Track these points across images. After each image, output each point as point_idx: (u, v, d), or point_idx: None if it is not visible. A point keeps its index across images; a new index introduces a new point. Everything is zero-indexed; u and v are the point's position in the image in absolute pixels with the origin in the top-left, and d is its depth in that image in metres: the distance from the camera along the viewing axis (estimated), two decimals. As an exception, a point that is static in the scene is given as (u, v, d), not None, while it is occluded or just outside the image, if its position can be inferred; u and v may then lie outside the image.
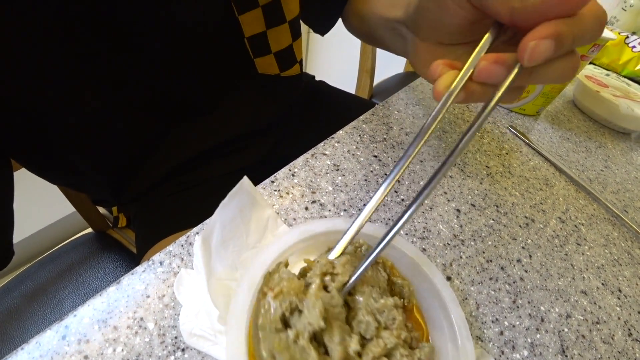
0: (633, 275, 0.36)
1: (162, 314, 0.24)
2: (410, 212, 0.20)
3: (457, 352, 0.21)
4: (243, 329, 0.19)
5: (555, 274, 0.33)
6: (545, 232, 0.37)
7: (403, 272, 0.25)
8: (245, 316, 0.19)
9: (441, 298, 0.23)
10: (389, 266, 0.25)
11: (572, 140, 0.55)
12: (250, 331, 0.19)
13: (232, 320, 0.19)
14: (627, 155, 0.56)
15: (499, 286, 0.31)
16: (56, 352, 0.22)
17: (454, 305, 0.23)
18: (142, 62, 0.36)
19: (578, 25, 0.19)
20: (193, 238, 0.28)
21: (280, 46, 0.45)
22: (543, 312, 0.30)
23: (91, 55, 0.32)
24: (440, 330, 0.23)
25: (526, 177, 0.43)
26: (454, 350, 0.21)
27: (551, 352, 0.28)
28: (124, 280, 0.25)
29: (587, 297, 0.32)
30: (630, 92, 0.68)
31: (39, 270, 0.61)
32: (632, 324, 0.32)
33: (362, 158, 0.38)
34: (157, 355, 0.22)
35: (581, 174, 0.48)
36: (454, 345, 0.21)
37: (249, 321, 0.20)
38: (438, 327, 0.23)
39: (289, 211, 0.31)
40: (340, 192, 0.34)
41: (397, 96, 0.49)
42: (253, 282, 0.20)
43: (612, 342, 0.30)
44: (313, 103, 0.63)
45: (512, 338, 0.27)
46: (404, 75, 1.17)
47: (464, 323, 0.22)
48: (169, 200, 0.47)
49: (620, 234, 0.40)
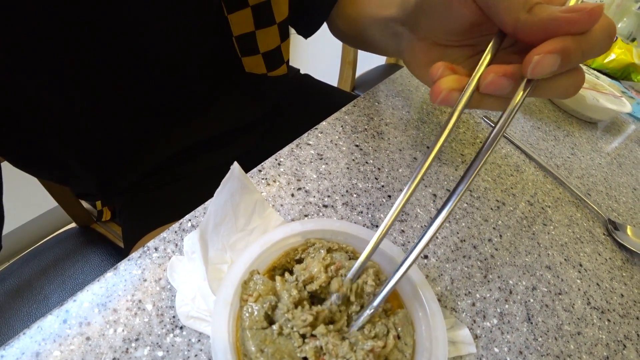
0: (593, 252, 0.40)
1: (160, 295, 0.25)
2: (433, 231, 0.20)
3: (425, 312, 0.23)
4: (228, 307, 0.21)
5: (523, 252, 0.36)
6: (514, 214, 0.40)
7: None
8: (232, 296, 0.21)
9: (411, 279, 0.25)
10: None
11: (542, 130, 0.58)
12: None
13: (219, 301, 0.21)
14: (592, 143, 0.60)
15: (471, 263, 0.33)
16: (58, 335, 0.23)
17: (418, 275, 0.25)
18: (130, 60, 0.36)
19: (587, 41, 0.18)
20: (186, 225, 0.29)
21: (269, 47, 0.46)
22: (511, 285, 0.33)
23: (79, 53, 0.32)
24: (411, 300, 0.25)
25: (498, 164, 0.46)
26: (424, 313, 0.24)
27: (518, 320, 0.30)
28: (120, 266, 0.26)
29: (551, 271, 0.36)
30: (597, 84, 0.72)
31: (22, 266, 0.60)
32: (590, 294, 0.35)
33: (344, 147, 0.40)
34: (157, 333, 0.24)
35: (549, 161, 0.51)
36: (423, 310, 0.24)
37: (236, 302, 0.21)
38: (408, 297, 0.26)
39: (276, 198, 0.33)
40: (324, 180, 0.35)
41: (377, 88, 0.51)
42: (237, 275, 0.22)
43: (572, 310, 0.33)
44: (298, 97, 0.64)
45: (483, 308, 0.30)
46: (385, 67, 1.20)
47: (428, 289, 0.24)
48: (155, 193, 0.48)
49: (583, 215, 0.44)
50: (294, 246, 0.25)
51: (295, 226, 0.25)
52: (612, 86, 0.75)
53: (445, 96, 0.22)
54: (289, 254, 0.25)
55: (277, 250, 0.24)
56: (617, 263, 0.39)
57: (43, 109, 0.35)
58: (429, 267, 0.32)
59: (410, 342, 0.23)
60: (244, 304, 0.21)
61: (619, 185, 0.52)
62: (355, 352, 0.19)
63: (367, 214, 0.34)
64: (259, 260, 0.23)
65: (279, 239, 0.24)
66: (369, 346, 0.20)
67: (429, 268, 0.32)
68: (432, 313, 0.23)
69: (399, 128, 0.45)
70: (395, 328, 0.23)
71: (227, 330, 0.19)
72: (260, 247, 0.23)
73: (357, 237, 0.26)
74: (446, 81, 0.22)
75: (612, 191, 0.50)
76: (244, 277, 0.22)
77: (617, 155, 0.59)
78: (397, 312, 0.24)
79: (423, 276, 0.25)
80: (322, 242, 0.26)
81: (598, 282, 0.36)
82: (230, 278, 0.21)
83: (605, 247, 0.41)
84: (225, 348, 0.19)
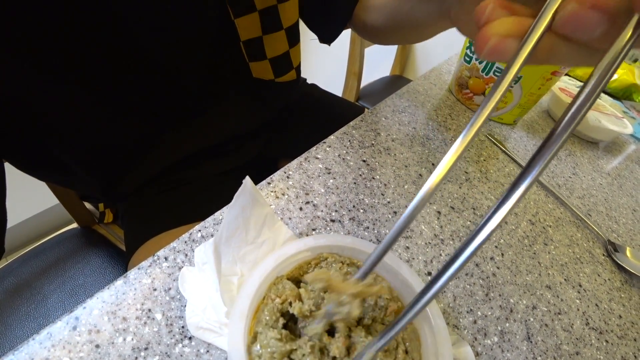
0: (592, 272, 0.40)
1: (169, 305, 0.26)
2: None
3: (432, 329, 0.24)
4: (244, 320, 0.21)
5: (524, 270, 0.37)
6: (516, 233, 0.41)
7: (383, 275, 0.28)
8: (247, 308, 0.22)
9: (411, 286, 0.26)
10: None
11: (544, 148, 0.59)
12: (251, 327, 0.22)
13: (236, 312, 0.21)
14: (593, 163, 0.61)
15: (473, 281, 0.34)
16: (67, 342, 0.23)
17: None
18: (137, 64, 0.36)
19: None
20: (196, 235, 0.30)
21: (276, 52, 0.46)
22: (512, 303, 0.33)
23: (84, 57, 0.33)
24: (419, 322, 0.26)
25: (501, 183, 0.47)
26: (430, 328, 0.24)
27: (518, 338, 0.31)
28: (130, 275, 0.27)
29: (551, 290, 0.36)
30: (600, 104, 0.73)
31: (22, 265, 0.60)
32: (589, 315, 0.36)
33: (351, 162, 0.40)
34: (166, 343, 0.24)
35: (551, 180, 0.52)
36: (429, 326, 0.24)
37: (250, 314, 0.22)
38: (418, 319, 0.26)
39: (284, 211, 0.33)
40: (331, 194, 0.36)
41: (384, 103, 0.52)
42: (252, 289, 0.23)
43: (571, 330, 0.34)
44: (304, 106, 0.65)
45: (484, 326, 0.31)
46: (390, 79, 1.21)
47: (434, 306, 0.25)
48: (158, 198, 0.48)
49: (583, 235, 0.45)
50: (307, 260, 0.26)
51: (308, 241, 0.26)
52: (614, 106, 0.76)
53: (495, 45, 0.15)
54: (302, 267, 0.26)
55: (291, 263, 0.25)
56: (616, 284, 0.40)
57: (46, 114, 0.35)
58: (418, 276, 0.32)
59: (417, 357, 0.23)
60: (269, 302, 0.22)
61: (619, 206, 0.52)
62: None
63: (374, 229, 0.34)
64: (273, 273, 0.24)
65: (293, 253, 0.25)
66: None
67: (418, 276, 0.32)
68: (438, 329, 0.24)
69: (405, 144, 0.46)
70: (403, 343, 0.23)
71: (243, 342, 0.20)
72: (274, 260, 0.24)
73: (367, 253, 0.27)
74: (498, 25, 0.16)
75: (612, 212, 0.51)
76: (269, 282, 0.23)
77: (617, 175, 0.60)
78: (406, 327, 0.24)
79: (420, 280, 0.26)
80: (335, 256, 0.26)
81: (597, 303, 0.37)
82: (245, 291, 0.22)
83: (605, 268, 0.41)
84: (242, 359, 0.19)
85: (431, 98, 0.58)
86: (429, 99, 0.58)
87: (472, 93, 0.57)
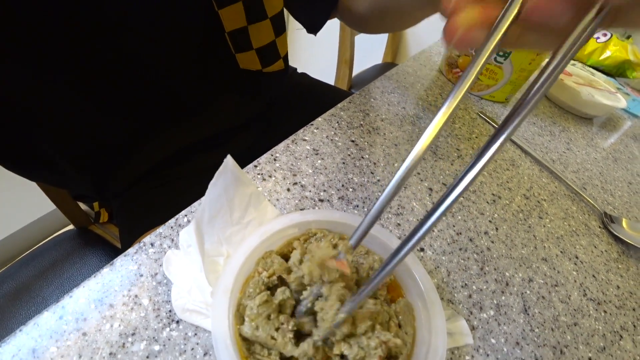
0: (589, 244, 0.40)
1: (156, 290, 0.25)
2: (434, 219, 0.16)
3: (425, 303, 0.23)
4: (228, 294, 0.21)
5: (519, 244, 0.36)
6: (510, 207, 0.40)
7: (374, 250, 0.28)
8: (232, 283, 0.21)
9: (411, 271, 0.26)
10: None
11: (538, 125, 0.58)
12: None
13: (220, 287, 0.21)
14: (587, 138, 0.60)
15: (467, 255, 0.33)
16: (55, 331, 0.23)
17: (418, 267, 0.25)
18: (122, 60, 0.36)
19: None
20: (182, 220, 0.29)
21: (262, 42, 0.45)
22: (508, 277, 0.33)
23: (68, 53, 0.32)
24: (411, 290, 0.26)
25: (494, 159, 0.46)
26: (423, 303, 0.24)
27: (515, 311, 0.31)
28: (117, 262, 0.26)
29: (547, 263, 0.36)
30: (593, 80, 0.72)
31: (20, 269, 0.60)
32: (587, 286, 0.35)
33: (340, 143, 0.40)
34: (153, 327, 0.24)
35: (545, 155, 0.51)
36: (422, 300, 0.24)
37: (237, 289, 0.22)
38: (409, 288, 0.26)
39: (272, 193, 0.33)
40: (319, 175, 0.36)
41: (373, 84, 0.52)
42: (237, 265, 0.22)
43: (568, 301, 0.33)
44: (295, 95, 0.64)
45: (479, 300, 0.30)
46: (382, 66, 1.20)
47: (428, 280, 0.25)
48: (151, 194, 0.47)
49: (579, 208, 0.44)
50: (296, 236, 0.25)
51: (294, 216, 0.25)
52: (608, 83, 0.75)
53: (462, 37, 0.16)
54: (291, 243, 0.25)
55: (278, 240, 0.25)
56: (612, 255, 0.40)
57: (32, 110, 0.34)
58: (426, 260, 0.32)
59: (410, 331, 0.23)
60: (256, 275, 0.22)
61: (615, 179, 0.52)
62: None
63: (363, 207, 0.34)
64: (258, 250, 0.23)
65: (278, 229, 0.24)
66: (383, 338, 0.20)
67: (425, 260, 0.32)
68: (432, 303, 0.23)
69: (395, 124, 0.46)
70: (396, 316, 0.23)
71: (227, 318, 0.19)
72: (259, 237, 0.23)
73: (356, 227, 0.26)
74: (465, 15, 0.16)
75: (608, 185, 0.50)
76: (256, 257, 0.23)
77: (612, 150, 0.60)
78: (399, 301, 0.24)
79: (422, 267, 0.25)
80: (324, 231, 0.26)
81: (594, 274, 0.37)
82: (229, 268, 0.21)
83: (601, 240, 0.41)
84: (226, 336, 0.19)
85: (421, 79, 0.58)
86: (419, 80, 0.57)
87: (462, 72, 0.56)
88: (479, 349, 0.27)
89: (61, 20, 0.30)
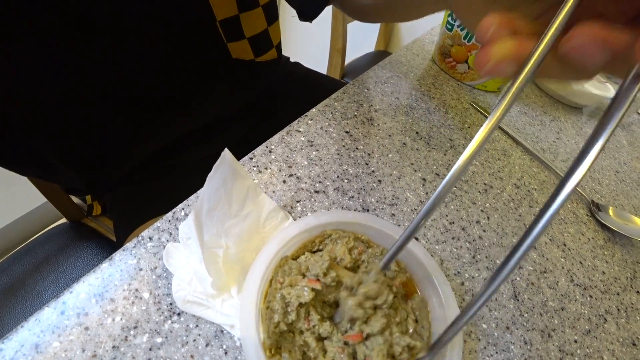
0: (577, 232, 0.41)
1: (156, 284, 0.25)
2: None
3: (439, 297, 0.25)
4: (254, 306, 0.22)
5: (510, 233, 0.37)
6: (501, 197, 0.41)
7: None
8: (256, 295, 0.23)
9: (416, 257, 0.26)
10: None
11: (529, 115, 0.59)
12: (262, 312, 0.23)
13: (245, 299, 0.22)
14: (577, 127, 0.61)
15: (460, 244, 0.34)
16: (56, 327, 0.23)
17: (435, 268, 0.26)
18: (113, 52, 0.35)
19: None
20: (180, 213, 0.29)
21: (254, 31, 0.44)
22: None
23: (58, 45, 0.32)
24: (424, 284, 0.27)
25: (486, 149, 0.47)
26: (437, 297, 0.25)
27: (505, 297, 0.32)
28: (116, 257, 0.27)
29: (537, 251, 0.37)
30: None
31: (13, 264, 0.59)
32: (574, 272, 0.36)
33: (334, 134, 0.40)
34: (155, 320, 0.24)
35: (535, 145, 0.52)
36: (437, 295, 0.25)
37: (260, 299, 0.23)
38: (422, 281, 0.27)
39: (268, 185, 0.33)
40: (315, 166, 0.36)
41: (366, 75, 0.52)
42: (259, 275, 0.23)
43: (556, 287, 0.34)
44: (288, 85, 0.63)
45: (471, 287, 0.31)
46: (374, 54, 1.19)
47: (441, 274, 0.26)
48: (146, 186, 0.47)
49: (567, 196, 0.45)
50: (311, 238, 0.26)
51: (309, 220, 0.26)
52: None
53: (493, 67, 0.16)
54: (307, 246, 0.26)
55: (295, 243, 0.25)
56: (599, 242, 0.41)
57: (20, 105, 0.34)
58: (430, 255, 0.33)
59: (427, 325, 0.24)
60: (278, 286, 0.23)
61: (602, 168, 0.53)
62: None
63: (359, 198, 0.34)
64: (277, 257, 0.24)
65: (295, 234, 0.25)
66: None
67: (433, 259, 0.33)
68: (446, 296, 0.25)
69: (389, 114, 0.46)
70: (413, 312, 0.24)
71: (255, 329, 0.20)
72: (277, 244, 0.24)
73: (370, 227, 0.27)
74: (499, 47, 0.16)
75: (596, 174, 0.51)
76: (274, 265, 0.24)
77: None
78: (414, 297, 0.25)
79: (434, 261, 0.26)
80: (339, 232, 0.26)
81: (581, 261, 0.38)
82: (252, 278, 0.23)
83: (588, 228, 0.42)
84: (256, 346, 0.20)
85: (414, 68, 0.58)
86: (412, 69, 0.57)
87: (455, 61, 0.56)
88: (470, 334, 0.28)
89: (47, 10, 0.29)
